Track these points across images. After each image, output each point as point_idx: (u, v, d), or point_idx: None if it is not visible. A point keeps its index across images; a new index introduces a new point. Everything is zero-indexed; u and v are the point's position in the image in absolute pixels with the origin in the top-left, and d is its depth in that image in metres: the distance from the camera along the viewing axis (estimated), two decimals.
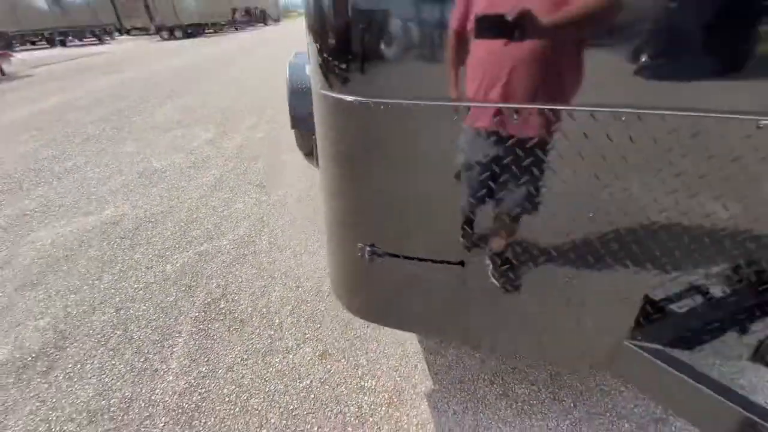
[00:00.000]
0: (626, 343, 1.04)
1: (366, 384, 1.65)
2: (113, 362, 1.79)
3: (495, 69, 0.80)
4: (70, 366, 1.78)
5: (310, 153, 4.05)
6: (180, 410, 1.57)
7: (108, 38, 25.12)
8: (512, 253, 1.01)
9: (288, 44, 16.78)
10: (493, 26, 0.76)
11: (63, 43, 22.32)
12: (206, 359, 1.79)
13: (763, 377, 1.45)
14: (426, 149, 0.95)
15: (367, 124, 0.97)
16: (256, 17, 35.20)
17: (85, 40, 24.09)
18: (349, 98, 0.95)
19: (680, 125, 0.74)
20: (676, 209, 0.84)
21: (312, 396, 1.61)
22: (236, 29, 30.19)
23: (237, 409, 1.56)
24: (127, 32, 27.84)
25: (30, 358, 1.83)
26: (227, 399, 1.60)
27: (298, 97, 3.46)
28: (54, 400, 1.63)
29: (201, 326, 1.97)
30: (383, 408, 1.55)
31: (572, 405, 1.55)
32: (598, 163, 0.82)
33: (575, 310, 1.05)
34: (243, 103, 6.55)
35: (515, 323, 1.14)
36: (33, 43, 22.42)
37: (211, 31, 26.77)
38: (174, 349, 1.84)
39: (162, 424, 1.52)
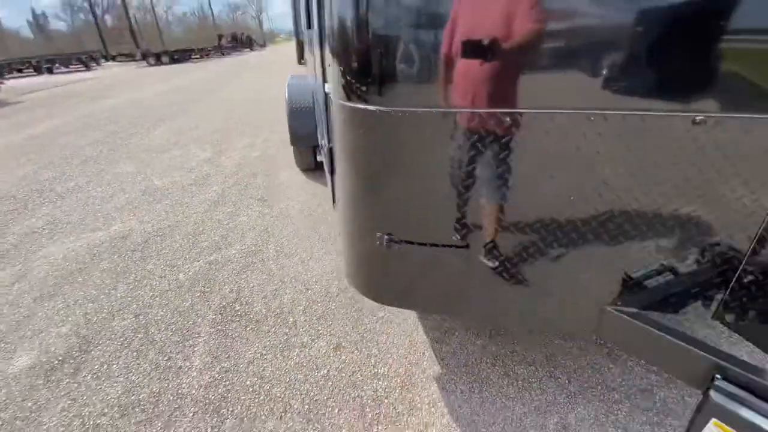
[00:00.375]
0: (608, 308, 1.23)
1: (379, 371, 1.79)
2: (138, 362, 1.89)
3: (475, 82, 1.02)
4: (96, 367, 1.87)
5: (307, 169, 4.24)
6: (207, 401, 1.68)
7: (94, 65, 25.24)
8: (509, 236, 1.21)
9: (274, 69, 17.20)
10: (470, 49, 0.98)
11: (50, 71, 22.34)
12: (227, 356, 1.90)
13: (721, 332, 1.66)
14: (434, 149, 1.15)
15: (385, 130, 1.17)
16: (243, 43, 35.91)
17: (71, 66, 24.16)
18: (371, 108, 1.15)
19: (636, 123, 0.96)
20: (640, 192, 1.05)
21: (330, 383, 1.74)
22: (222, 54, 30.71)
23: (261, 397, 1.68)
24: (113, 59, 28.07)
25: (57, 362, 1.91)
26: (251, 389, 1.72)
27: (297, 116, 3.69)
28: (84, 398, 1.72)
29: (219, 327, 2.09)
30: (397, 391, 1.70)
31: (567, 381, 1.72)
32: (577, 156, 1.03)
33: (563, 283, 1.24)
34: (235, 125, 6.75)
35: (514, 297, 1.32)
36: (19, 70, 22.40)
37: (197, 56, 27.18)
38: (195, 348, 1.95)
39: (191, 414, 1.62)
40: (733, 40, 0.87)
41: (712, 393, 1.00)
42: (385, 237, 1.31)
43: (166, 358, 1.90)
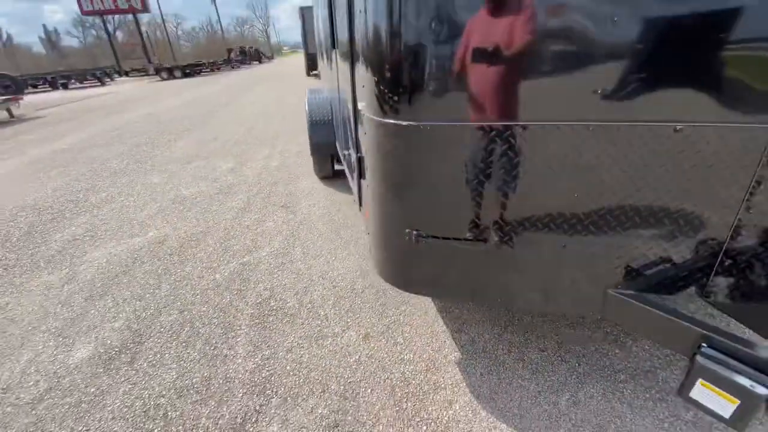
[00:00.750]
0: (610, 291, 1.42)
1: (405, 357, 1.99)
2: (187, 351, 2.10)
3: (489, 97, 1.23)
4: (150, 356, 2.09)
5: (326, 176, 4.48)
6: (253, 383, 1.88)
7: (108, 80, 26.04)
8: (522, 231, 1.41)
9: (285, 81, 17.66)
10: (487, 69, 1.19)
11: (65, 86, 23.11)
12: (267, 345, 2.11)
13: (705, 308, 1.84)
14: (456, 157, 1.36)
15: (413, 141, 1.39)
16: (251, 56, 36.72)
17: (85, 82, 24.96)
18: (403, 122, 1.37)
19: (627, 131, 1.16)
20: (633, 190, 1.25)
21: (362, 368, 1.93)
22: (232, 68, 31.45)
23: (301, 380, 1.88)
24: (126, 74, 28.87)
25: (114, 352, 2.14)
26: (291, 373, 1.92)
27: (316, 128, 3.94)
28: (143, 382, 1.93)
29: (257, 320, 2.30)
30: (422, 373, 1.89)
31: (577, 364, 1.90)
32: (580, 160, 1.23)
33: (571, 270, 1.43)
34: (253, 137, 7.04)
35: (529, 283, 1.51)
36: (35, 86, 23.18)
37: (208, 70, 27.90)
38: (238, 339, 2.16)
39: (240, 394, 1.83)
40: (706, 58, 1.07)
41: (699, 358, 1.19)
42: (414, 233, 1.52)
43: (212, 348, 2.11)
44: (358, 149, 2.04)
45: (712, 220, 1.25)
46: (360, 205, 2.26)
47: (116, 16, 40.04)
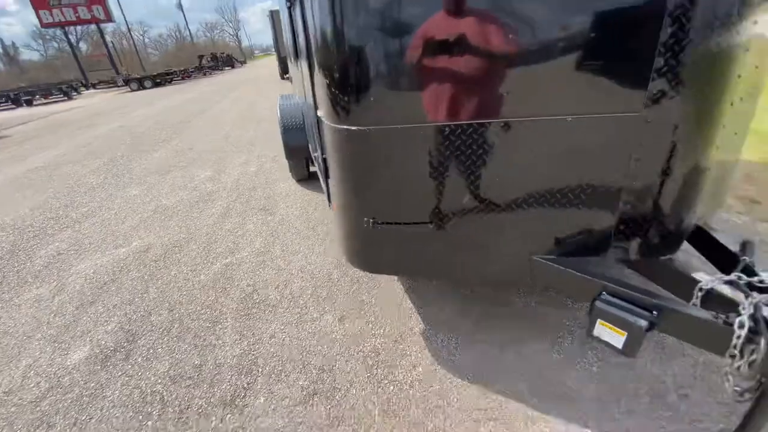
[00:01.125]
0: (534, 258, 1.71)
1: (376, 332, 2.24)
2: (178, 344, 2.31)
3: (431, 102, 1.48)
4: (144, 351, 2.28)
5: (302, 179, 4.69)
6: (240, 366, 2.10)
7: (75, 94, 25.36)
8: (462, 213, 1.68)
9: (258, 86, 17.63)
10: (430, 77, 1.45)
11: (29, 103, 22.42)
12: (252, 333, 2.33)
13: (611, 265, 2.13)
14: (404, 154, 1.61)
15: (365, 144, 1.63)
16: (224, 61, 36.27)
17: (51, 97, 24.24)
18: (354, 128, 1.61)
19: (531, 125, 1.44)
20: (547, 172, 1.52)
21: (338, 344, 2.18)
22: (205, 74, 31.04)
23: (284, 359, 2.12)
24: (93, 86, 28.16)
25: (109, 351, 2.32)
26: (275, 355, 2.15)
27: (290, 133, 4.14)
28: (139, 374, 2.13)
29: (242, 313, 2.51)
30: (391, 344, 2.14)
31: (522, 326, 2.19)
32: (504, 151, 1.50)
33: (503, 243, 1.71)
34: (230, 144, 7.17)
35: (469, 258, 1.79)
36: None
37: (179, 78, 27.48)
38: (225, 330, 2.38)
39: (229, 376, 2.05)
40: (586, 65, 1.35)
41: (597, 303, 1.49)
42: (371, 221, 1.77)
43: (201, 340, 2.32)
44: (323, 151, 2.28)
45: (607, 192, 1.53)
46: (329, 201, 2.50)
47: (79, 27, 38.88)
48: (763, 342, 1.20)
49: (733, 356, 1.26)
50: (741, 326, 1.23)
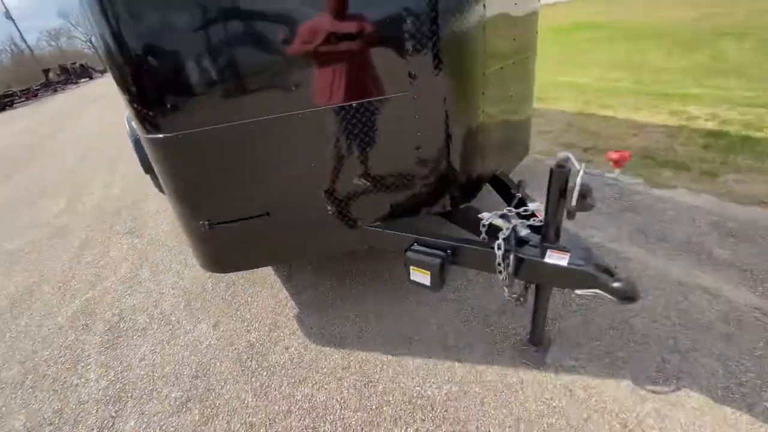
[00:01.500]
0: (365, 226, 1.93)
1: (251, 327, 2.32)
2: (35, 394, 2.12)
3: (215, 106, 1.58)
4: None
5: None
6: (107, 396, 2.03)
7: None
8: (295, 201, 1.81)
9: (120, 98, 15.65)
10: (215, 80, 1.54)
11: None
12: (119, 362, 2.24)
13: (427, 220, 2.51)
14: (213, 154, 1.68)
15: (176, 150, 1.67)
16: (77, 73, 31.30)
17: None
18: (160, 136, 1.63)
19: (331, 113, 1.61)
20: (357, 154, 1.72)
21: (212, 350, 2.22)
22: (55, 91, 26.51)
23: (156, 377, 2.09)
24: None
25: None
26: (145, 377, 2.11)
27: (141, 146, 3.87)
28: None
29: (107, 344, 2.39)
30: (266, 335, 2.25)
31: (379, 294, 2.45)
32: (315, 139, 1.65)
33: (338, 217, 1.89)
34: (88, 166, 6.39)
35: (310, 236, 1.95)
36: None
37: (22, 99, 23.12)
38: (88, 367, 2.25)
39: (95, 409, 1.97)
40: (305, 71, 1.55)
41: (407, 253, 1.76)
42: (206, 223, 1.82)
43: (60, 383, 2.17)
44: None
45: (408, 162, 1.78)
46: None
47: None
48: (511, 256, 1.56)
49: (500, 272, 1.62)
50: (499, 248, 1.59)
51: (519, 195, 2.03)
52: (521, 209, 1.80)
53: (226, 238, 1.89)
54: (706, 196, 2.85)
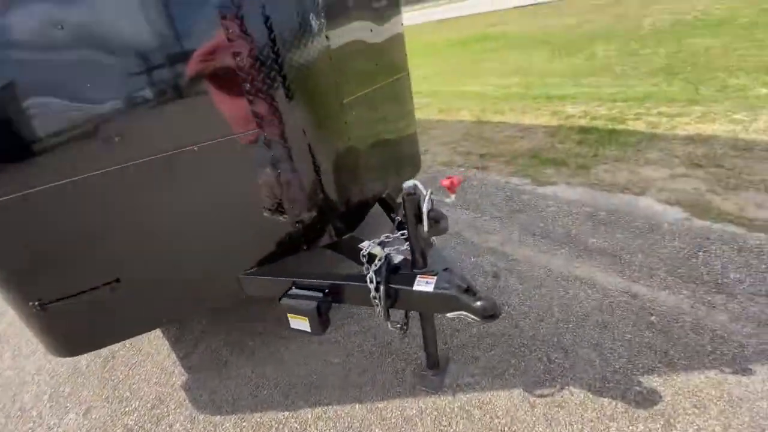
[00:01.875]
0: (240, 275, 1.77)
1: (130, 407, 2.01)
2: None
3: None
4: None
5: None
6: None
7: None
8: (148, 262, 1.60)
9: None
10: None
11: None
12: None
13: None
14: (35, 225, 1.42)
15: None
16: None
17: None
18: None
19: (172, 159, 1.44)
20: (214, 200, 1.56)
21: None
22: None
23: None
24: None
25: None
26: None
27: None
28: None
29: None
30: (146, 414, 1.96)
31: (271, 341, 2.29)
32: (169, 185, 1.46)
33: (211, 270, 1.71)
34: None
35: (181, 294, 1.74)
36: None
37: None
38: None
39: None
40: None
41: (282, 300, 1.63)
42: (37, 304, 1.54)
43: None
44: None
45: (275, 201, 1.66)
46: None
47: None
48: (382, 288, 1.50)
49: (376, 305, 1.55)
50: (371, 281, 1.52)
51: (399, 218, 2.01)
52: (399, 233, 1.77)
53: (69, 315, 1.61)
54: (581, 188, 3.11)
